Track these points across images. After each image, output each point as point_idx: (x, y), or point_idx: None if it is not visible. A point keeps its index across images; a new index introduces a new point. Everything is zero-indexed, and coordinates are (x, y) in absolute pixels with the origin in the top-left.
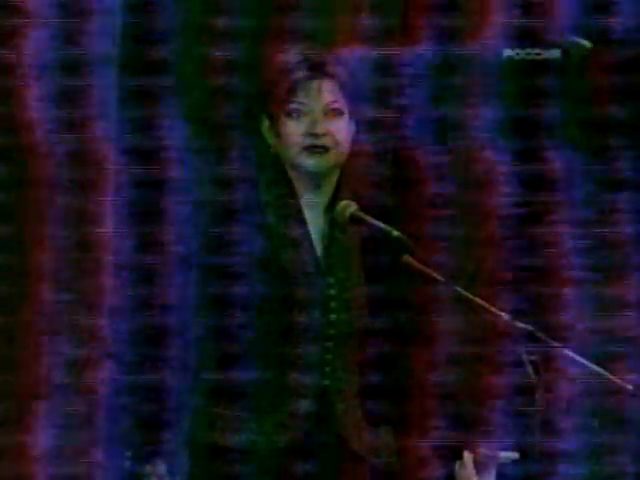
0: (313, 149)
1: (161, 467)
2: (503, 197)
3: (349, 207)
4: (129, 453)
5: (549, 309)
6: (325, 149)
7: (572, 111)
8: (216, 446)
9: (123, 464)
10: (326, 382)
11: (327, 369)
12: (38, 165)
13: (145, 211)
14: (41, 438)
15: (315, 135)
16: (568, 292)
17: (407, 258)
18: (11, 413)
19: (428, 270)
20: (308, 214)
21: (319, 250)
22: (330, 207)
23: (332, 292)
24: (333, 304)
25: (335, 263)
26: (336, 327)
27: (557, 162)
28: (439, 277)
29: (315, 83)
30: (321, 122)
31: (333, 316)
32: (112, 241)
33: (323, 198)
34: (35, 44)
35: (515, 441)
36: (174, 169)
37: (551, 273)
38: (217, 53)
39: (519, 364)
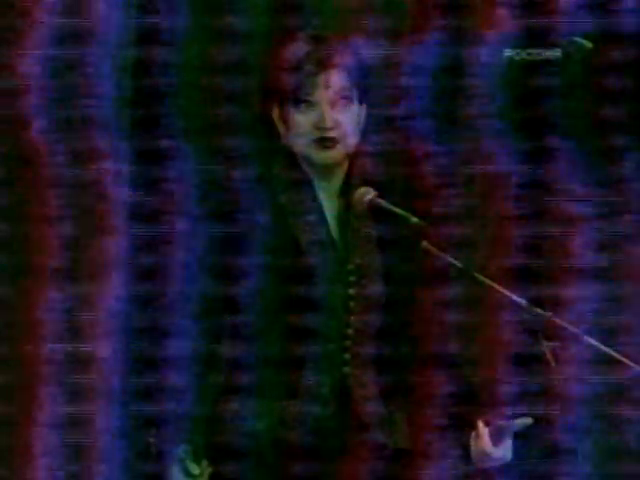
0: (322, 142)
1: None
2: (507, 195)
3: (367, 194)
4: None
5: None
6: (334, 142)
7: (573, 111)
8: (238, 435)
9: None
10: (345, 369)
11: (346, 356)
12: (37, 166)
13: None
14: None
15: (323, 129)
16: (574, 288)
17: (426, 244)
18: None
19: (447, 256)
20: (323, 200)
21: (336, 236)
22: (343, 192)
23: (351, 279)
24: (352, 291)
25: (352, 250)
26: (355, 315)
27: (558, 162)
28: (458, 263)
29: (323, 75)
30: (329, 114)
31: (352, 303)
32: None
33: (335, 184)
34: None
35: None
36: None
37: (558, 269)
38: (222, 51)
39: (539, 351)
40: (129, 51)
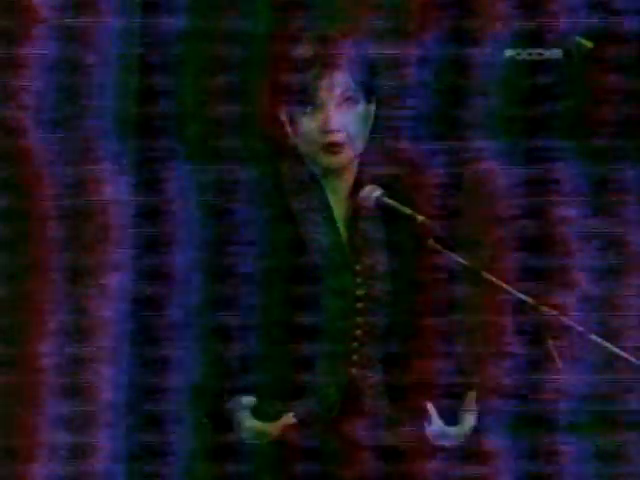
0: (329, 148)
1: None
2: (503, 197)
3: (374, 192)
4: None
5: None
6: (341, 146)
7: (574, 111)
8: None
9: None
10: (353, 370)
11: (354, 357)
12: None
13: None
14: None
15: (330, 132)
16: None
17: (433, 243)
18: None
19: (454, 255)
20: (331, 201)
21: (344, 237)
22: (352, 193)
23: (358, 280)
24: (359, 292)
25: (360, 250)
26: (363, 315)
27: (558, 162)
28: (465, 262)
29: (328, 77)
30: (335, 116)
31: (360, 304)
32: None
33: (344, 185)
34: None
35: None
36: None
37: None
38: (226, 50)
39: (545, 349)
40: (133, 51)
